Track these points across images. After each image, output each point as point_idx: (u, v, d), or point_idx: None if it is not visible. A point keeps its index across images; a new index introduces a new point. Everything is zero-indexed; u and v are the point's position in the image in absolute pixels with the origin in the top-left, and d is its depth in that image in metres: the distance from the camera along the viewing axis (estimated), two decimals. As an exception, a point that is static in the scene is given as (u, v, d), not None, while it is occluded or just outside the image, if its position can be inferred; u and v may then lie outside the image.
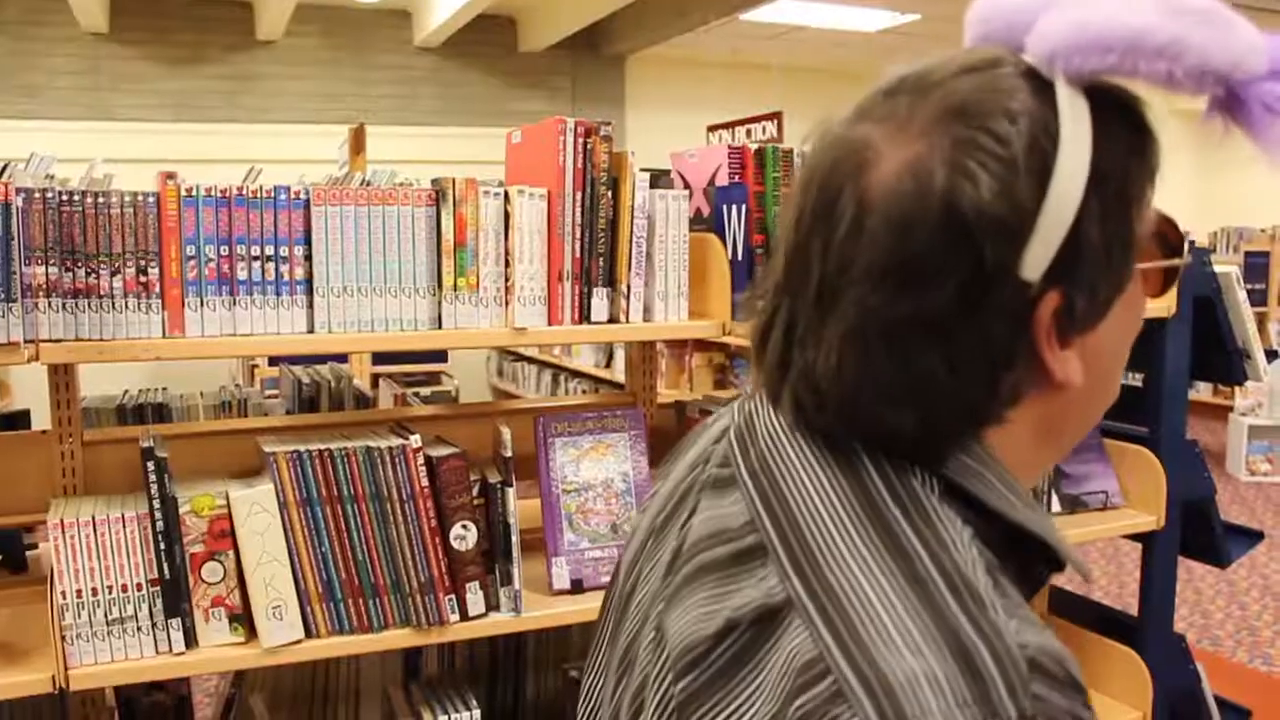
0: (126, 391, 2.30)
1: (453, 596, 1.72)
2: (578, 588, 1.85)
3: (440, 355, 6.01)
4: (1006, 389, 0.67)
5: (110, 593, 1.57)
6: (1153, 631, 2.30)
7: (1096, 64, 0.64)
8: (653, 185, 1.82)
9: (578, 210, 1.76)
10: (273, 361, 5.26)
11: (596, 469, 1.89)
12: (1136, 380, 2.32)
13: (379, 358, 5.27)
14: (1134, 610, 2.36)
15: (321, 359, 2.76)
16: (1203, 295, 2.23)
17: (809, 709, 0.58)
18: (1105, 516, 2.29)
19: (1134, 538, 2.34)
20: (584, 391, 6.78)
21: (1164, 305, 2.16)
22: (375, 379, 4.96)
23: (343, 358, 3.86)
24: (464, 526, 1.72)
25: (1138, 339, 0.76)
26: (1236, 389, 7.62)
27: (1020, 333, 0.65)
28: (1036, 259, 0.63)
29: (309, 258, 1.65)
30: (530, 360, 8.12)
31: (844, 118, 0.69)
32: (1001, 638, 0.58)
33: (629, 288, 1.80)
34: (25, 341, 1.48)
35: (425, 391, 4.37)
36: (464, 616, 1.73)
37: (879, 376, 0.65)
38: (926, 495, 0.65)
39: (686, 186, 2.00)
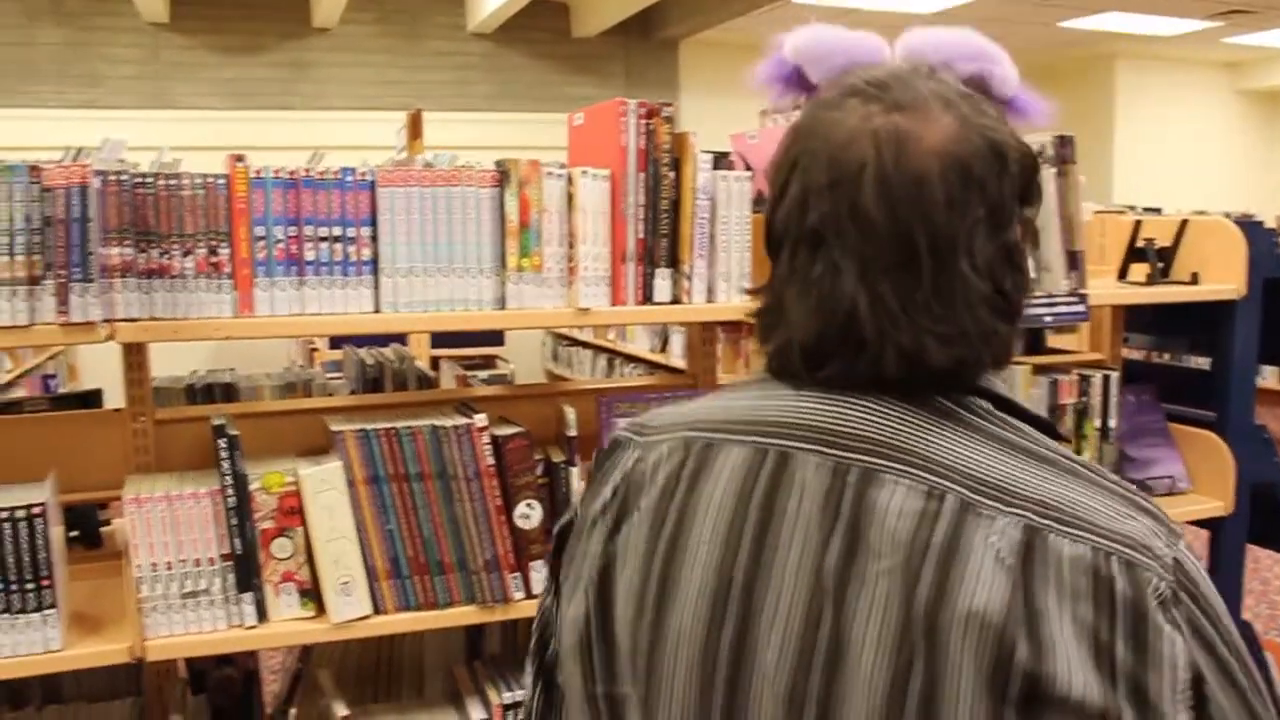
0: (195, 371, 2.35)
1: (518, 575, 1.73)
2: (639, 567, 1.85)
3: (497, 339, 6.04)
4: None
5: (184, 566, 1.60)
6: (1219, 618, 2.26)
7: (966, 69, 0.87)
8: (714, 167, 1.82)
9: (640, 191, 1.77)
10: (334, 344, 5.31)
11: (658, 449, 1.89)
12: (1204, 364, 2.28)
13: (437, 341, 5.31)
14: (1200, 597, 2.33)
15: (384, 340, 2.80)
16: (1273, 277, 2.18)
17: (1123, 585, 0.74)
18: (1172, 502, 2.25)
19: (1201, 524, 2.30)
20: (640, 376, 6.78)
21: (1232, 287, 2.12)
22: (435, 361, 5.01)
23: (404, 339, 3.90)
24: (529, 505, 1.74)
25: (1205, 320, 0.89)
26: (1303, 376, 7.45)
27: (1028, 254, 0.84)
28: (1033, 191, 0.85)
29: (375, 238, 1.67)
30: (585, 345, 8.13)
31: (854, 115, 0.81)
32: (1139, 492, 0.81)
33: (692, 269, 1.80)
34: (102, 321, 1.52)
35: (483, 375, 4.40)
36: (528, 595, 1.74)
37: (994, 303, 0.80)
38: (1008, 417, 0.84)
39: (748, 168, 1.99)
